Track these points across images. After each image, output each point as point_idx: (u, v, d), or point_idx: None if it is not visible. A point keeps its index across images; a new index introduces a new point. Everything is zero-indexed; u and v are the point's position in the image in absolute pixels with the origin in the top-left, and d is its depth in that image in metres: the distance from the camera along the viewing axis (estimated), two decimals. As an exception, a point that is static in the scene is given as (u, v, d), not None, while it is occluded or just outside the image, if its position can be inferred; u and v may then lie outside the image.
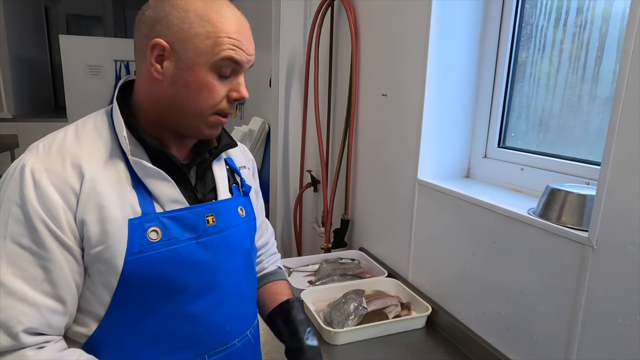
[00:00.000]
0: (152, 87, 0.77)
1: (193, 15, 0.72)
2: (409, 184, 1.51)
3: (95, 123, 0.79)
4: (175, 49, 0.73)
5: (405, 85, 1.52)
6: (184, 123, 0.79)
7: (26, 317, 0.68)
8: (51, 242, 0.69)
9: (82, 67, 5.47)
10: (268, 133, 3.03)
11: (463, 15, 1.38)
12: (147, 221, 0.74)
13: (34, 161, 0.71)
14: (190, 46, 0.72)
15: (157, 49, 0.73)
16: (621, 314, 0.84)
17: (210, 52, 0.73)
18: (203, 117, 0.78)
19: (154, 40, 0.72)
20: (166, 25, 0.72)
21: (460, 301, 1.30)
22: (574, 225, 0.96)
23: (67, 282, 0.71)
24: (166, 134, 0.81)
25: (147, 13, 0.75)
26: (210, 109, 0.77)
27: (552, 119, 1.27)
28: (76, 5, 7.46)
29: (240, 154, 1.00)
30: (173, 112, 0.77)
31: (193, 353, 0.82)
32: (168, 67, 0.74)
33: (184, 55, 0.73)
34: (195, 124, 0.79)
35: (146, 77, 0.77)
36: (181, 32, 0.72)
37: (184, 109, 0.77)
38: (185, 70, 0.74)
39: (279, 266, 1.12)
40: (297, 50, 2.34)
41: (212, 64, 0.74)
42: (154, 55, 0.73)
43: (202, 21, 0.72)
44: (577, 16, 1.18)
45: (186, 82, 0.74)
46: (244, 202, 0.92)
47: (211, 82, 0.75)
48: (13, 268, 0.68)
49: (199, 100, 0.76)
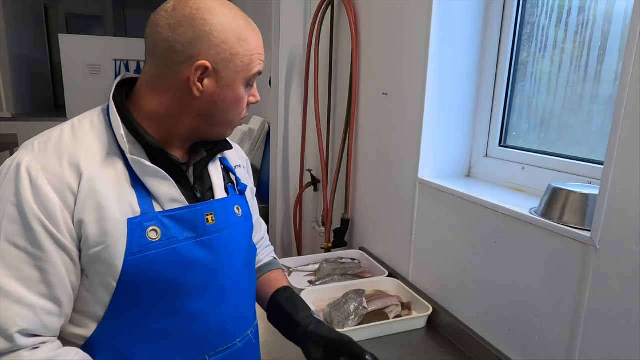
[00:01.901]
0: (182, 99, 0.77)
1: (232, 36, 0.75)
2: (409, 183, 1.50)
3: (92, 121, 0.78)
4: (216, 69, 0.75)
5: (405, 84, 1.51)
6: (212, 131, 0.83)
7: (21, 318, 0.67)
8: (47, 243, 0.68)
9: (82, 66, 5.46)
10: (268, 132, 3.02)
11: (464, 14, 1.38)
12: (146, 220, 0.74)
13: (29, 159, 0.70)
14: (231, 66, 0.76)
15: (200, 69, 0.74)
16: (624, 314, 0.84)
17: (246, 68, 0.78)
18: (233, 124, 0.84)
19: (200, 63, 0.73)
20: (208, 45, 0.73)
21: (461, 301, 1.29)
22: (576, 225, 0.96)
23: (63, 283, 0.70)
24: (170, 135, 0.81)
25: (181, 30, 0.73)
26: (239, 116, 0.84)
27: (554, 118, 1.27)
28: (76, 4, 7.45)
29: (234, 154, 1.00)
30: (202, 121, 0.80)
31: (194, 353, 0.82)
32: (208, 84, 0.76)
33: (225, 74, 0.76)
34: (223, 130, 0.84)
35: (175, 89, 0.76)
36: (224, 53, 0.75)
37: (217, 119, 0.81)
38: (225, 87, 0.77)
39: (273, 257, 1.13)
40: (297, 49, 2.34)
41: (247, 79, 0.79)
42: (197, 75, 0.74)
43: (240, 41, 0.76)
44: (579, 15, 1.17)
45: (225, 97, 0.78)
46: (240, 201, 0.92)
47: (244, 94, 0.81)
48: (8, 269, 0.67)
49: (233, 112, 0.81)
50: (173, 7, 0.74)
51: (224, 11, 0.75)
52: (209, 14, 0.73)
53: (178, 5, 0.74)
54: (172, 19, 0.73)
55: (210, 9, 0.74)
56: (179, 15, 0.73)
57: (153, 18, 0.76)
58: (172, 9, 0.74)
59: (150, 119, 0.78)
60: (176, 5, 0.74)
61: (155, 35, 0.74)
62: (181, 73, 0.74)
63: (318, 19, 2.06)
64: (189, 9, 0.73)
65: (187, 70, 0.74)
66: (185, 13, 0.73)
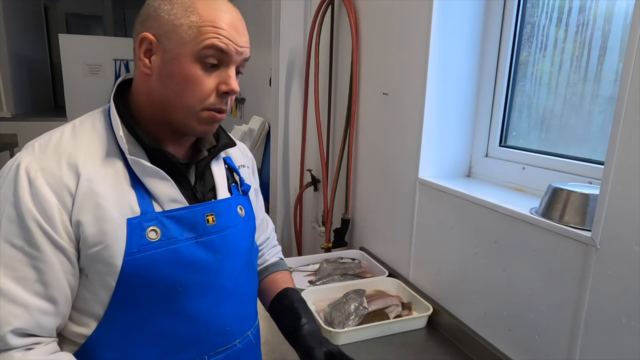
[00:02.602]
0: (144, 83, 0.77)
1: (178, 7, 0.73)
2: (409, 183, 1.50)
3: (93, 122, 0.78)
4: (161, 42, 0.73)
5: (406, 84, 1.51)
6: (175, 119, 0.77)
7: (15, 318, 0.67)
8: (44, 243, 0.68)
9: (82, 66, 5.46)
10: (268, 132, 3.02)
11: (464, 13, 1.38)
12: (146, 220, 0.74)
13: (29, 160, 0.70)
14: (174, 37, 0.72)
15: (145, 43, 0.74)
16: (624, 314, 0.84)
17: (194, 41, 0.72)
18: (193, 111, 0.76)
19: (142, 35, 0.73)
20: (154, 18, 0.73)
21: (461, 301, 1.29)
22: (577, 225, 0.96)
23: (59, 282, 0.70)
24: (164, 133, 0.81)
25: (141, 11, 0.76)
26: (199, 102, 0.75)
27: (554, 118, 1.26)
28: (76, 4, 7.45)
29: (239, 153, 1.00)
30: (164, 108, 0.77)
31: (193, 354, 0.81)
32: (155, 60, 0.74)
33: (169, 47, 0.73)
34: (186, 120, 0.77)
35: (139, 74, 0.77)
36: (167, 24, 0.72)
37: (173, 103, 0.75)
38: (169, 61, 0.73)
39: (280, 257, 1.12)
40: (297, 49, 2.34)
41: (195, 53, 0.72)
42: (142, 50, 0.74)
43: (187, 12, 0.72)
44: (579, 15, 1.17)
45: (171, 73, 0.73)
46: (243, 201, 0.91)
47: (197, 73, 0.73)
48: (4, 268, 0.67)
49: (186, 94, 0.74)
50: None
51: None
52: None
53: None
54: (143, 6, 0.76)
55: None
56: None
57: None
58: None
59: (141, 113, 0.79)
60: None
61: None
62: (136, 52, 0.75)
63: (318, 19, 2.06)
64: None
65: (137, 47, 0.75)
66: None
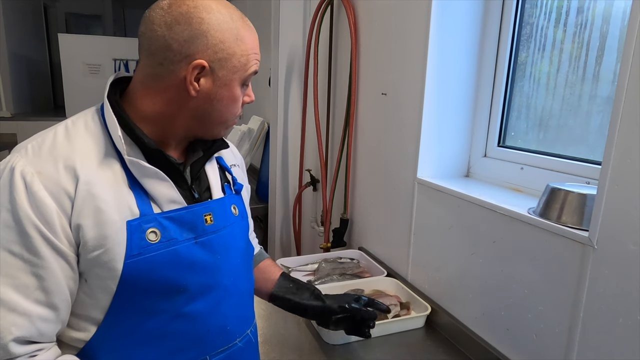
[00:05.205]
0: (177, 99, 0.76)
1: (229, 35, 0.74)
2: (408, 183, 1.51)
3: (86, 122, 0.76)
4: (213, 68, 0.74)
5: (405, 84, 1.52)
6: (208, 131, 0.83)
7: (17, 327, 0.66)
8: (44, 249, 0.67)
9: (82, 66, 5.45)
10: (267, 132, 3.02)
11: (463, 14, 1.38)
12: (145, 222, 0.73)
13: (23, 164, 0.68)
14: (228, 65, 0.76)
15: (197, 69, 0.73)
16: (622, 313, 0.84)
17: (243, 68, 0.78)
18: (228, 124, 0.83)
19: (197, 62, 0.73)
20: (205, 44, 0.73)
21: (459, 301, 1.29)
22: (574, 225, 0.96)
23: (60, 289, 0.70)
24: (166, 136, 0.80)
25: (178, 29, 0.72)
26: (234, 116, 0.83)
27: (552, 118, 1.27)
28: (75, 4, 7.43)
29: (229, 153, 1.00)
30: (203, 123, 0.80)
31: (195, 354, 0.82)
32: (204, 84, 0.75)
33: (221, 73, 0.76)
34: (218, 130, 0.84)
35: (171, 89, 0.75)
36: (221, 52, 0.74)
37: (213, 119, 0.81)
38: (222, 87, 0.77)
39: (260, 247, 1.18)
40: (297, 49, 2.34)
41: (243, 79, 0.79)
42: (194, 74, 0.74)
43: (237, 40, 0.76)
44: (578, 16, 1.18)
45: (222, 97, 0.78)
46: (236, 200, 0.92)
47: (239, 94, 0.80)
48: (4, 277, 0.66)
49: (228, 112, 0.81)
50: (169, 4, 0.73)
51: (222, 10, 0.74)
52: (206, 12, 0.72)
53: (174, 2, 0.73)
54: (168, 16, 0.72)
55: (208, 7, 0.73)
56: (176, 13, 0.72)
57: (148, 15, 0.75)
58: (168, 6, 0.73)
59: (145, 119, 0.77)
60: (172, 3, 0.73)
61: (151, 33, 0.73)
62: (177, 72, 0.73)
63: (317, 19, 2.06)
64: (185, 6, 0.72)
65: (184, 70, 0.73)
66: (182, 11, 0.72)
